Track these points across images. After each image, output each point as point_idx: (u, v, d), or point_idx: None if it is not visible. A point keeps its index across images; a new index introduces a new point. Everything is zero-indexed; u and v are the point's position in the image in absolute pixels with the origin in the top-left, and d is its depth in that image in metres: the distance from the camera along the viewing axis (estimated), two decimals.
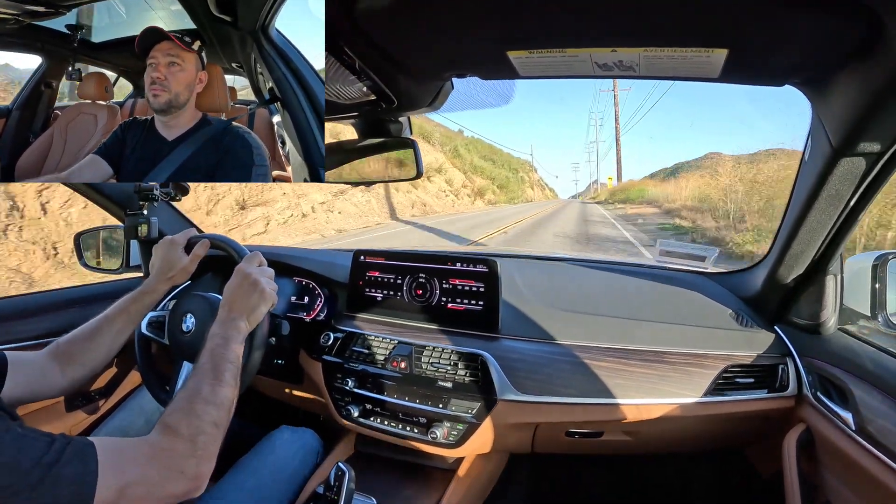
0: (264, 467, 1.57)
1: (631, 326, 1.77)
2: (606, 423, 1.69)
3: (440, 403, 1.69)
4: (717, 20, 0.97)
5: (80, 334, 1.37)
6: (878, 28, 0.86)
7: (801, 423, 1.57)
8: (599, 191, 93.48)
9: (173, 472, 0.94)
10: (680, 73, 1.15)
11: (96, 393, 2.09)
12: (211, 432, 1.02)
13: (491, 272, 1.80)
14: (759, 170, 19.63)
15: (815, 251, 1.47)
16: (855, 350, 1.47)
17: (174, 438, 0.97)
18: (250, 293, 1.29)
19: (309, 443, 1.75)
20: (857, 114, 1.06)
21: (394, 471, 1.82)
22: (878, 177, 1.21)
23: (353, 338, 1.89)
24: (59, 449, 0.81)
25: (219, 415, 1.05)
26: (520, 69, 1.22)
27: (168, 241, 1.55)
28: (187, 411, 1.02)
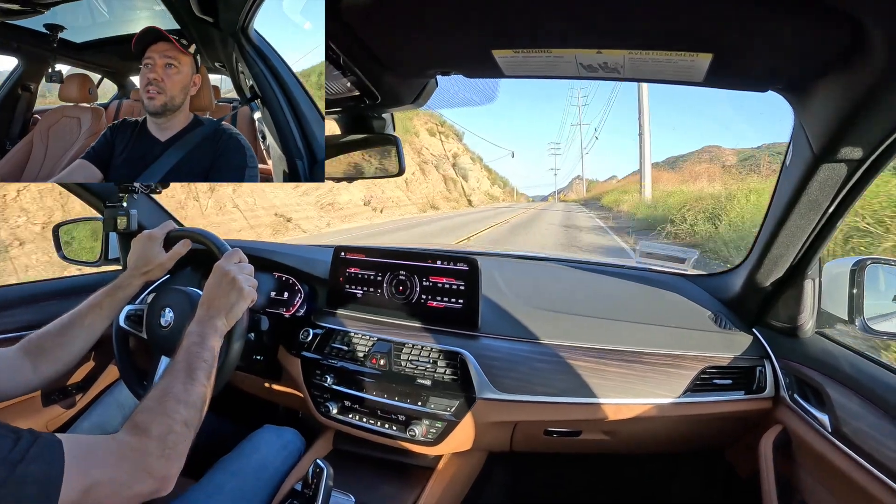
0: (247, 468, 1.56)
1: (610, 326, 1.78)
2: (585, 423, 1.70)
3: (419, 401, 1.69)
4: (701, 25, 0.97)
5: (52, 330, 1.35)
6: (860, 35, 0.87)
7: (777, 425, 1.59)
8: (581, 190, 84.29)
9: (141, 471, 0.92)
10: (664, 77, 1.16)
11: (73, 388, 2.07)
12: (181, 432, 1.00)
13: (472, 270, 1.80)
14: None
15: (794, 255, 1.48)
16: (832, 353, 1.49)
17: (143, 438, 0.95)
18: (229, 291, 1.28)
19: (292, 442, 1.74)
20: (839, 120, 1.07)
21: (372, 468, 1.81)
22: (858, 183, 1.22)
23: (333, 334, 1.89)
24: (25, 446, 0.79)
25: (190, 414, 1.04)
26: (505, 68, 1.22)
27: (146, 236, 1.54)
28: (158, 410, 1.01)
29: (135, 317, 1.69)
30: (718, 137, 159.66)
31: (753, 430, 1.69)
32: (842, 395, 1.35)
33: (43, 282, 2.14)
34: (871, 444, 1.21)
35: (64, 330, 1.36)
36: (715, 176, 26.29)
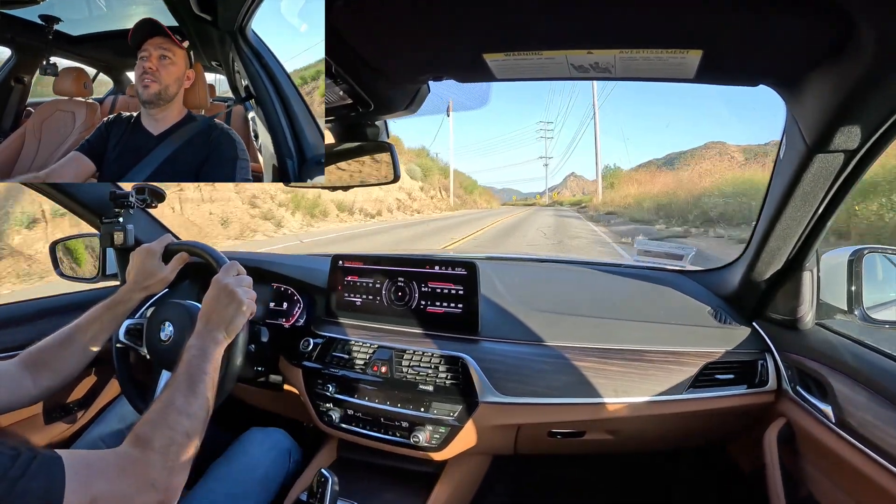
0: (236, 470, 1.56)
1: (610, 326, 1.78)
2: (588, 423, 1.70)
3: (422, 407, 1.69)
4: (691, 22, 0.97)
5: (52, 342, 1.36)
6: (850, 29, 0.87)
7: (781, 418, 1.59)
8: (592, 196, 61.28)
9: (144, 484, 0.92)
10: (656, 75, 1.16)
11: (74, 405, 2.06)
12: (183, 443, 1.00)
13: (470, 274, 1.80)
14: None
15: (791, 248, 1.49)
16: (833, 344, 1.48)
17: (145, 450, 0.95)
18: (227, 304, 1.28)
19: (280, 442, 1.74)
20: (831, 113, 1.07)
21: (377, 475, 1.81)
22: (851, 174, 1.23)
23: (333, 343, 1.89)
24: (25, 463, 0.78)
25: (192, 425, 1.04)
26: (496, 72, 1.22)
27: (144, 250, 1.54)
28: (159, 422, 1.00)
29: (134, 331, 1.69)
30: (723, 133, 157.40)
31: (757, 425, 1.69)
32: (845, 386, 1.35)
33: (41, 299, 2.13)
34: (875, 433, 1.20)
35: (64, 343, 1.36)
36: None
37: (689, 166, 32.42)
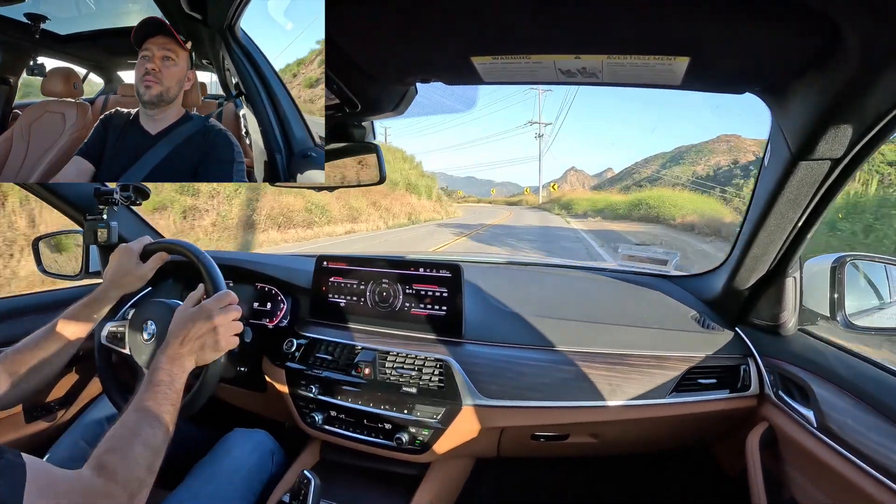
0: (219, 471, 1.55)
1: (594, 330, 1.78)
2: (571, 426, 1.70)
3: (405, 409, 1.69)
4: (678, 29, 0.97)
5: (29, 343, 1.35)
6: (835, 37, 0.88)
7: (763, 422, 1.60)
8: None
9: None
10: (643, 80, 1.16)
11: (56, 403, 2.04)
12: (144, 479, 1.00)
13: (454, 277, 1.80)
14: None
15: (774, 254, 1.50)
16: (815, 349, 1.50)
17: (109, 483, 0.94)
18: (205, 336, 1.27)
19: (263, 443, 1.73)
20: (816, 121, 1.08)
21: (360, 478, 1.81)
22: (835, 182, 1.24)
23: (317, 344, 1.88)
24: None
25: (154, 460, 1.04)
26: (484, 75, 1.22)
27: (122, 249, 1.54)
28: (125, 454, 1.00)
29: (117, 333, 1.67)
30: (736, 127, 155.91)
31: (739, 428, 1.70)
32: (826, 391, 1.37)
33: (22, 296, 2.11)
34: (856, 437, 1.22)
35: (41, 344, 1.36)
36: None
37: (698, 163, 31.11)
